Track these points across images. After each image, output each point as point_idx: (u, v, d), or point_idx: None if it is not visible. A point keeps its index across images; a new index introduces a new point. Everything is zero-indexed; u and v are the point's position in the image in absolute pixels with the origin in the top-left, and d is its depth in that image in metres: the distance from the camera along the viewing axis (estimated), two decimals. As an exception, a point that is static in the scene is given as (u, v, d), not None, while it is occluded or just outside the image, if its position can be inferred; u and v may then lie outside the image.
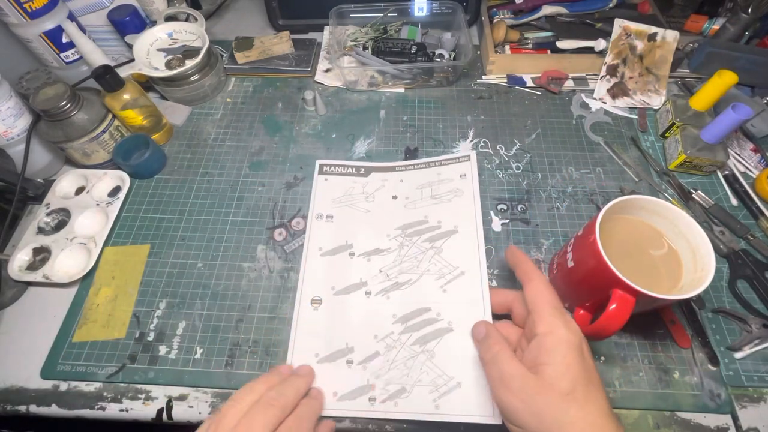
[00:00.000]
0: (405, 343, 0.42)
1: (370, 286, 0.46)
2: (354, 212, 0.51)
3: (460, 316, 0.42)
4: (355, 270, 0.47)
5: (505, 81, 0.65)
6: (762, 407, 0.40)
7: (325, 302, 0.45)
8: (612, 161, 0.56)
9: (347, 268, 0.47)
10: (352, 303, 0.45)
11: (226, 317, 0.46)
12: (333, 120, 0.62)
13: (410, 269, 0.46)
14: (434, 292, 0.44)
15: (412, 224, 0.49)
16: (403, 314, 0.44)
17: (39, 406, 0.42)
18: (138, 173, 0.56)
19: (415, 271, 0.46)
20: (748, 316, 0.43)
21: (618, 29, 0.60)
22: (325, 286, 0.46)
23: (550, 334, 0.32)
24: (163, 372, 0.43)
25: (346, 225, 0.50)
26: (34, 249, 0.49)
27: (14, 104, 0.51)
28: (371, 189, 0.53)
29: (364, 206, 0.52)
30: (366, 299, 0.45)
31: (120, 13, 0.61)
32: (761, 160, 0.55)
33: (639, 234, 0.40)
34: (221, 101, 0.65)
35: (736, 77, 0.51)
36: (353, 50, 0.65)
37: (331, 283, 0.46)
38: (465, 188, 0.51)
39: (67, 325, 0.45)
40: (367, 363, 0.41)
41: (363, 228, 0.50)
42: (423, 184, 0.53)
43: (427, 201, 0.51)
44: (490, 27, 0.66)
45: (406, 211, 0.51)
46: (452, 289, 0.44)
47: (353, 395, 0.40)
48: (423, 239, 0.48)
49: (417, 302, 0.44)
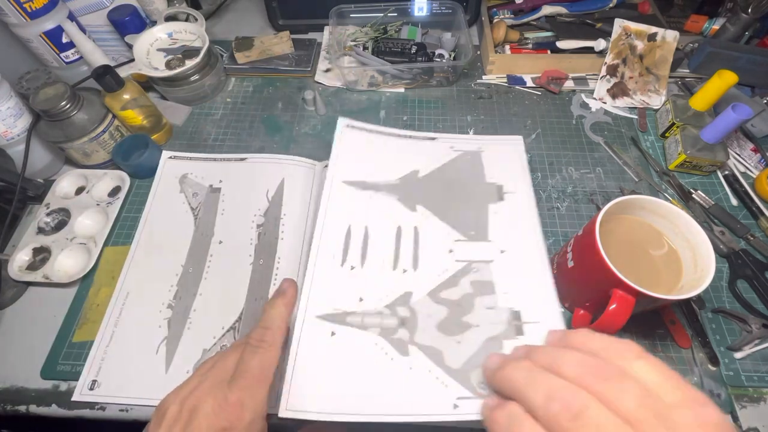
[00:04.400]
0: None
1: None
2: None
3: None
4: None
5: (505, 81, 0.65)
6: (762, 407, 0.40)
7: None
8: (612, 161, 0.56)
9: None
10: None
11: (226, 317, 0.46)
12: (333, 120, 0.61)
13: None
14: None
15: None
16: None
17: (39, 406, 0.42)
18: (138, 173, 0.56)
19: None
20: (748, 316, 0.43)
21: (618, 29, 0.60)
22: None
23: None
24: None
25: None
26: (34, 249, 0.49)
27: (14, 104, 0.51)
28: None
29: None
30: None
31: (120, 13, 0.61)
32: (761, 160, 0.55)
33: (639, 234, 0.40)
34: (221, 101, 0.65)
35: (736, 77, 0.51)
36: (353, 50, 0.65)
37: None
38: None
39: (67, 325, 0.45)
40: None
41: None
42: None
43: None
44: (490, 27, 0.66)
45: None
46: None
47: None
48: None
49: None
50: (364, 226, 0.45)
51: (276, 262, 0.47)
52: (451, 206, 0.47)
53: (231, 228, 0.50)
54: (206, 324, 0.44)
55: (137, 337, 0.44)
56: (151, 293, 0.46)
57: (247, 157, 0.55)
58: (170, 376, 0.41)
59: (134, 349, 0.43)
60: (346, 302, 0.40)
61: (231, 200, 0.52)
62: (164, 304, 0.45)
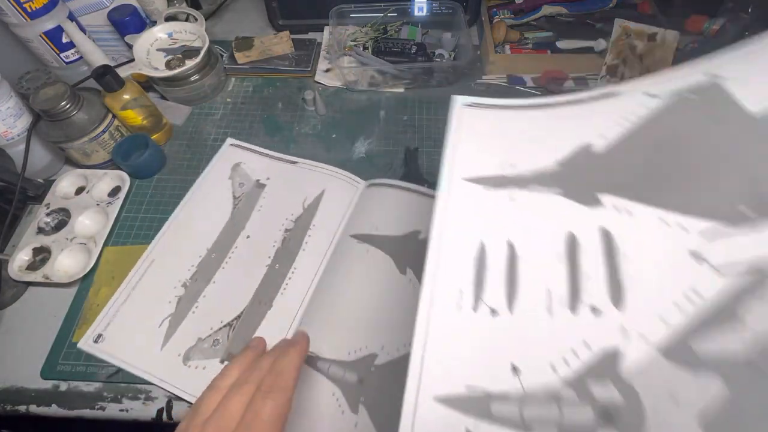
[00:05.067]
0: None
1: None
2: None
3: None
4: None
5: (505, 81, 0.65)
6: (762, 407, 0.40)
7: None
8: (612, 161, 0.56)
9: None
10: None
11: (226, 317, 0.46)
12: (333, 120, 0.62)
13: None
14: None
15: None
16: None
17: (39, 406, 0.42)
18: (137, 173, 0.56)
19: None
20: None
21: (618, 29, 0.60)
22: None
23: None
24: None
25: None
26: (34, 249, 0.49)
27: (14, 104, 0.51)
28: None
29: None
30: None
31: (120, 13, 0.61)
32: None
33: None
34: (221, 101, 0.65)
35: (736, 77, 0.51)
36: (353, 50, 0.65)
37: None
38: None
39: (67, 325, 0.45)
40: None
41: None
42: None
43: None
44: (490, 27, 0.66)
45: None
46: None
47: None
48: None
49: None
50: (506, 243, 0.26)
51: (291, 272, 0.47)
52: (675, 178, 0.25)
53: (262, 226, 0.51)
54: (209, 313, 0.45)
55: (148, 306, 0.46)
56: (172, 267, 0.48)
57: (298, 161, 0.56)
58: (162, 356, 0.43)
59: (143, 316, 0.45)
60: (488, 375, 0.22)
61: (270, 199, 0.53)
62: (180, 281, 0.47)
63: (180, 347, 0.43)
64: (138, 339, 0.44)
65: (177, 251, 0.49)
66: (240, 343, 0.43)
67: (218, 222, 0.51)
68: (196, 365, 0.42)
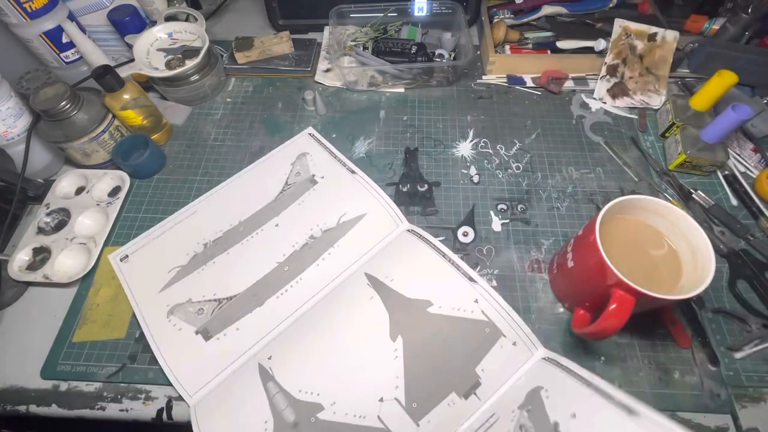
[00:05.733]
0: None
1: None
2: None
3: None
4: None
5: (505, 81, 0.65)
6: (762, 407, 0.40)
7: None
8: (612, 161, 0.56)
9: None
10: None
11: (226, 317, 0.46)
12: (333, 120, 0.62)
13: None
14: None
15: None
16: None
17: (39, 406, 0.42)
18: (137, 173, 0.56)
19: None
20: (748, 316, 0.43)
21: (618, 29, 0.60)
22: None
23: None
24: (164, 372, 0.43)
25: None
26: (34, 249, 0.49)
27: (14, 104, 0.51)
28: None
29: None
30: None
31: (120, 13, 0.61)
32: (761, 160, 0.55)
33: (639, 234, 0.40)
34: (221, 101, 0.65)
35: (736, 77, 0.51)
36: (353, 50, 0.65)
37: None
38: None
39: (67, 325, 0.45)
40: None
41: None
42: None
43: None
44: (490, 27, 0.66)
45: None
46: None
47: None
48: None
49: None
50: None
51: (295, 280, 0.46)
52: None
53: (293, 221, 0.50)
54: (209, 281, 0.46)
55: (171, 250, 0.49)
56: (204, 225, 0.50)
57: (357, 172, 0.54)
58: (156, 299, 0.46)
59: (162, 256, 0.49)
60: None
61: (314, 198, 0.52)
62: (203, 240, 0.49)
63: (172, 299, 0.45)
64: (148, 274, 0.47)
65: (216, 212, 0.51)
66: (218, 325, 0.44)
67: (260, 200, 0.52)
68: (175, 323, 0.44)
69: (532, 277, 0.47)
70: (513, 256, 0.49)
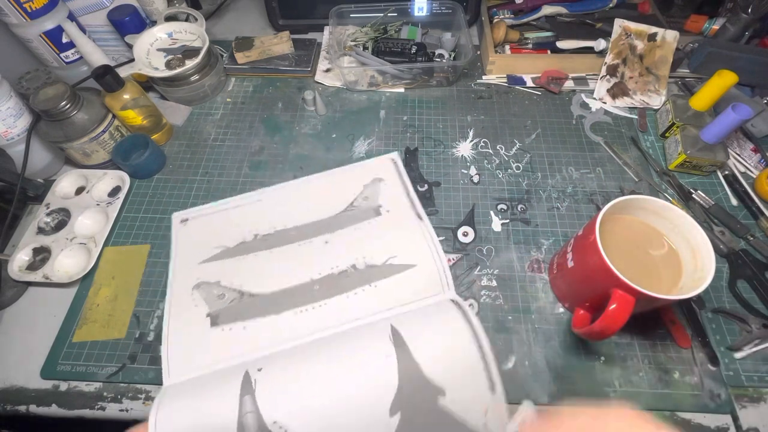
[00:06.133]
0: None
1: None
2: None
3: None
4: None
5: (505, 81, 0.65)
6: (762, 407, 0.40)
7: None
8: (612, 161, 0.56)
9: None
10: None
11: (226, 317, 0.46)
12: (333, 120, 0.62)
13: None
14: None
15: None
16: None
17: (39, 406, 0.42)
18: (137, 173, 0.56)
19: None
20: (748, 316, 0.43)
21: (618, 29, 0.60)
22: None
23: None
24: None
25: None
26: (34, 249, 0.49)
27: (14, 104, 0.51)
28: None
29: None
30: None
31: (120, 13, 0.61)
32: (761, 160, 0.55)
33: (639, 234, 0.40)
34: (221, 101, 0.65)
35: (736, 77, 0.51)
36: (353, 50, 0.65)
37: None
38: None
39: (67, 325, 0.45)
40: None
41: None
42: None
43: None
44: (490, 27, 0.66)
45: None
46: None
47: None
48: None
49: None
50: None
51: (319, 303, 0.44)
52: None
53: (342, 244, 0.48)
54: (243, 271, 0.47)
55: (225, 230, 0.50)
56: (263, 217, 0.51)
57: (424, 219, 0.50)
58: (192, 272, 0.47)
59: (215, 233, 0.50)
60: None
61: (371, 230, 0.49)
62: (256, 231, 0.50)
63: (203, 275, 0.46)
64: (197, 243, 0.49)
65: (277, 207, 0.52)
66: (229, 316, 0.44)
67: (321, 212, 0.51)
68: (195, 299, 0.45)
69: (532, 277, 0.47)
70: (513, 256, 0.49)
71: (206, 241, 0.49)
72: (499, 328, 0.44)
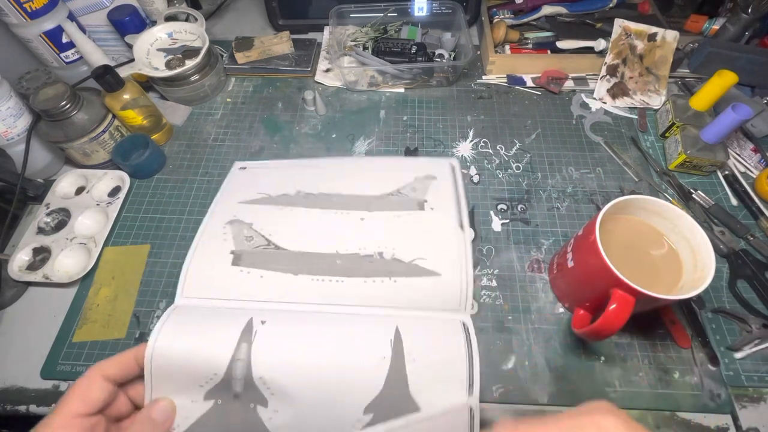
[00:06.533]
0: None
1: None
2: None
3: None
4: None
5: (505, 81, 0.65)
6: (762, 407, 0.40)
7: None
8: (612, 161, 0.56)
9: None
10: None
11: (226, 317, 0.46)
12: (333, 120, 0.62)
13: None
14: None
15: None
16: None
17: (39, 406, 0.42)
18: (137, 173, 0.56)
19: None
20: (748, 316, 0.43)
21: (618, 29, 0.60)
22: None
23: None
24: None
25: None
26: (34, 249, 0.49)
27: (14, 104, 0.51)
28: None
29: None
30: None
31: (120, 13, 0.61)
32: (761, 160, 0.55)
33: (639, 234, 0.40)
34: (221, 101, 0.65)
35: (736, 77, 0.51)
36: (353, 50, 0.65)
37: None
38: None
39: (67, 325, 0.45)
40: None
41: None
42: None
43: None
44: (490, 27, 0.66)
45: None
46: None
47: None
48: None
49: None
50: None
51: (336, 279, 0.44)
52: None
53: (376, 227, 0.47)
54: (278, 222, 0.48)
55: (273, 179, 0.53)
56: (313, 179, 0.53)
57: (465, 229, 0.48)
58: (233, 208, 0.50)
59: (266, 180, 0.53)
60: None
61: (408, 223, 0.48)
62: (301, 188, 0.51)
63: (240, 214, 0.49)
64: (244, 187, 0.52)
65: (330, 173, 0.53)
66: (251, 260, 0.45)
67: (368, 188, 0.51)
68: (225, 233, 0.47)
69: (532, 277, 0.47)
70: (513, 256, 0.49)
71: (252, 186, 0.52)
72: (499, 328, 0.44)
